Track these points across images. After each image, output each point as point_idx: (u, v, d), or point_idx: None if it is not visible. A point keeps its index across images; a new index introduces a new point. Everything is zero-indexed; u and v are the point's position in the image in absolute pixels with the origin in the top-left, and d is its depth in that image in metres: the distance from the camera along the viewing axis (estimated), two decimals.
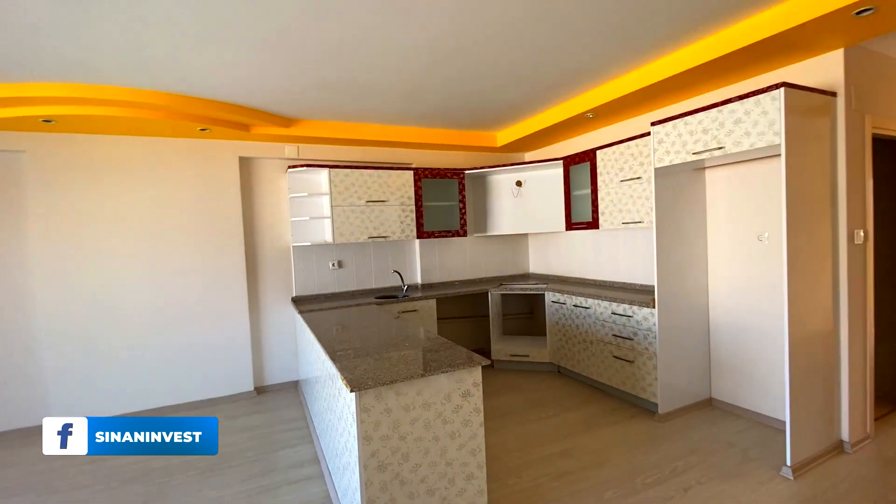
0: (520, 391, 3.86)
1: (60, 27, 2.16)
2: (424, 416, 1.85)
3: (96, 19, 2.11)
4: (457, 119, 4.16)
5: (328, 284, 4.38)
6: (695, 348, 3.29)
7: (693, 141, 2.78)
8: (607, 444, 2.82)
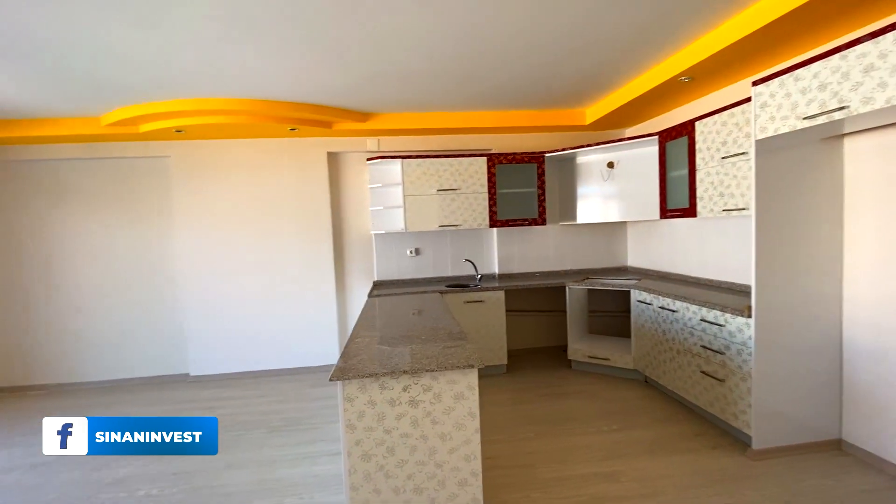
0: (591, 397, 3.49)
1: (178, 57, 2.63)
2: (411, 413, 1.81)
3: (210, 47, 2.51)
4: (536, 98, 3.86)
5: (406, 270, 4.55)
6: (816, 373, 2.53)
7: (805, 102, 2.09)
8: (668, 474, 2.38)
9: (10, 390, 4.19)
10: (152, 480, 2.55)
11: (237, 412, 3.52)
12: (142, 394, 4.03)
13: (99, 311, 4.27)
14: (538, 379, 3.93)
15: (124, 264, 4.29)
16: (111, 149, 4.13)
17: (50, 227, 4.19)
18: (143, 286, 4.32)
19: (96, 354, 4.29)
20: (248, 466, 2.67)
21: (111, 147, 4.12)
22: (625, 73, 3.31)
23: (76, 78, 2.92)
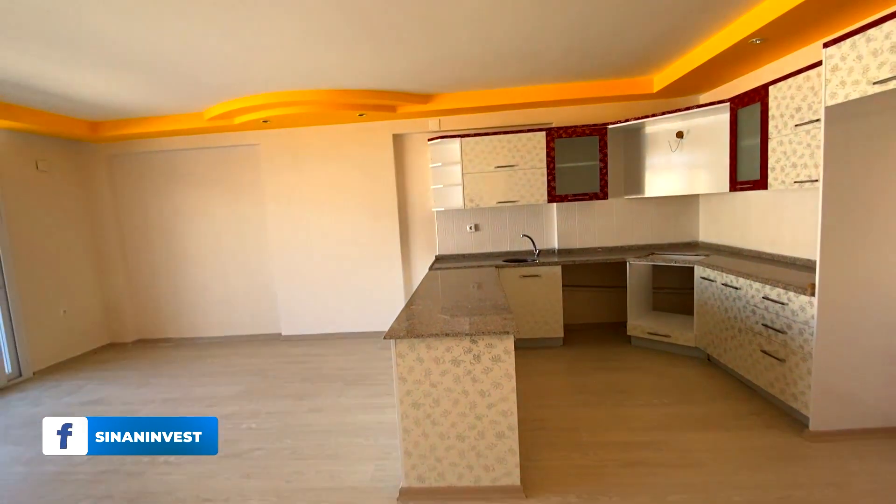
0: (647, 373, 3.51)
1: (263, 58, 3.05)
2: (454, 371, 2.06)
3: (290, 48, 2.90)
4: (598, 68, 3.78)
5: (466, 245, 4.77)
6: (885, 355, 2.35)
7: (877, 65, 1.91)
8: (713, 448, 2.41)
9: (146, 342, 5.19)
10: (252, 417, 3.12)
11: (320, 366, 4.08)
12: (241, 348, 4.78)
13: (208, 277, 5.08)
14: (594, 352, 4.00)
15: (227, 237, 5.03)
16: (212, 139, 4.79)
17: (168, 205, 5.02)
18: (241, 255, 5.04)
19: (208, 314, 5.13)
20: (327, 411, 3.14)
21: (212, 138, 4.79)
22: (693, 36, 3.13)
23: (184, 81, 3.47)
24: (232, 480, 2.38)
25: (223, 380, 3.89)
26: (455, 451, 2.10)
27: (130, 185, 5.05)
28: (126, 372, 4.23)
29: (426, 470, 2.12)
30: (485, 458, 2.09)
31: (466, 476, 2.11)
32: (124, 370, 4.30)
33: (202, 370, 4.19)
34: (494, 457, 2.09)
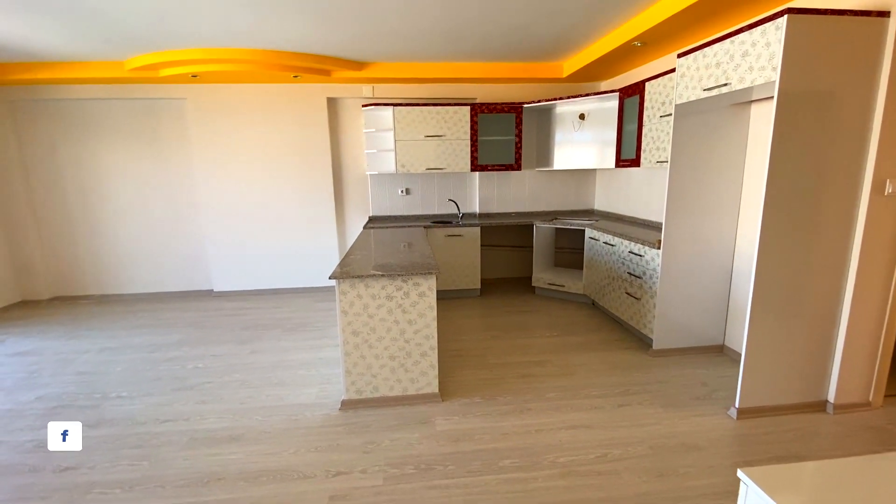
0: (545, 314, 4.27)
1: (196, 12, 3.10)
2: (387, 305, 2.54)
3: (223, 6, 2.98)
4: (518, 52, 4.27)
5: (398, 208, 5.19)
6: (710, 293, 3.25)
7: (707, 76, 2.61)
8: (585, 363, 3.18)
9: (63, 299, 5.02)
10: (198, 359, 3.38)
11: (257, 317, 4.34)
12: (173, 303, 4.85)
13: (133, 233, 4.99)
14: (505, 300, 4.71)
15: (153, 192, 4.94)
16: (133, 90, 4.62)
17: (85, 158, 4.79)
18: (170, 211, 5.00)
19: (133, 271, 5.07)
20: (269, 352, 3.49)
21: (133, 89, 4.61)
22: (591, 33, 3.73)
23: (105, 29, 3.38)
24: (188, 406, 2.70)
25: (160, 331, 4.03)
26: (387, 368, 2.61)
27: (39, 134, 4.72)
28: (49, 327, 4.17)
29: (364, 385, 2.62)
30: (411, 373, 2.64)
31: (396, 387, 2.64)
32: (46, 325, 4.22)
33: (134, 323, 4.26)
34: (419, 371, 2.64)
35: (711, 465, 2.10)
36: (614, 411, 2.56)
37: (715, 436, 2.33)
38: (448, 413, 2.56)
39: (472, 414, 2.55)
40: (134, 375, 3.13)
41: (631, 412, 2.55)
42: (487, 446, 2.26)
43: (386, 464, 2.14)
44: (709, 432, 2.35)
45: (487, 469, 2.09)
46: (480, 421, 2.48)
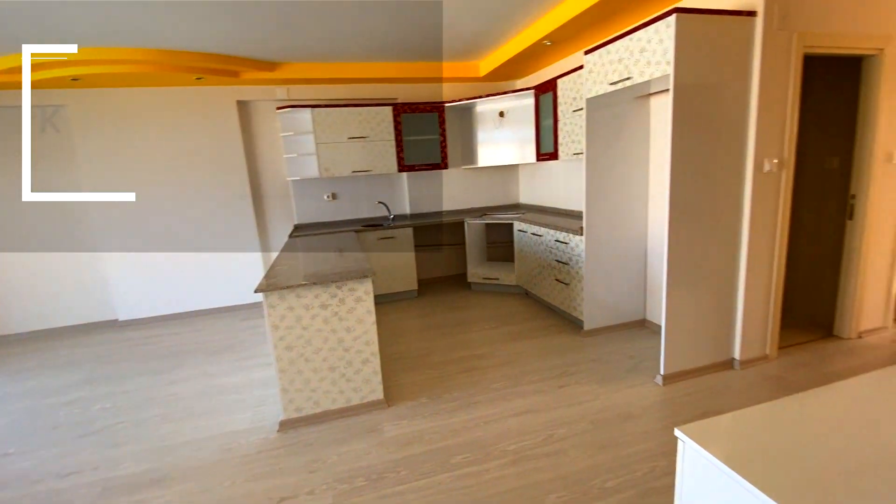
0: (482, 308, 4.35)
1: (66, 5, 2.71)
2: (322, 314, 2.42)
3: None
4: (436, 51, 4.29)
5: (325, 214, 4.99)
6: (629, 273, 3.51)
7: (612, 71, 2.81)
8: (524, 351, 3.27)
9: None
10: (105, 398, 2.98)
11: (175, 344, 3.94)
12: (70, 339, 4.24)
13: (6, 261, 4.28)
14: (443, 298, 4.72)
15: (33, 214, 4.27)
16: (1, 97, 3.97)
17: None
18: (57, 234, 4.36)
19: (14, 306, 4.35)
20: (192, 381, 3.17)
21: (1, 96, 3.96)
22: (504, 33, 3.85)
23: None
24: (96, 453, 2.36)
25: (53, 372, 3.50)
26: (328, 380, 2.49)
27: None
28: None
29: (303, 401, 2.47)
30: (353, 382, 2.54)
31: (339, 399, 2.53)
32: None
33: (19, 367, 3.66)
34: (362, 379, 2.55)
35: (646, 430, 2.26)
36: (556, 393, 2.66)
37: (646, 403, 2.51)
38: (396, 418, 2.50)
39: (420, 415, 2.51)
40: (23, 428, 2.68)
41: (570, 392, 2.67)
42: (438, 445, 2.24)
43: (335, 480, 2.03)
44: (640, 401, 2.53)
45: (440, 468, 2.07)
46: (429, 421, 2.45)
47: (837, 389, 1.14)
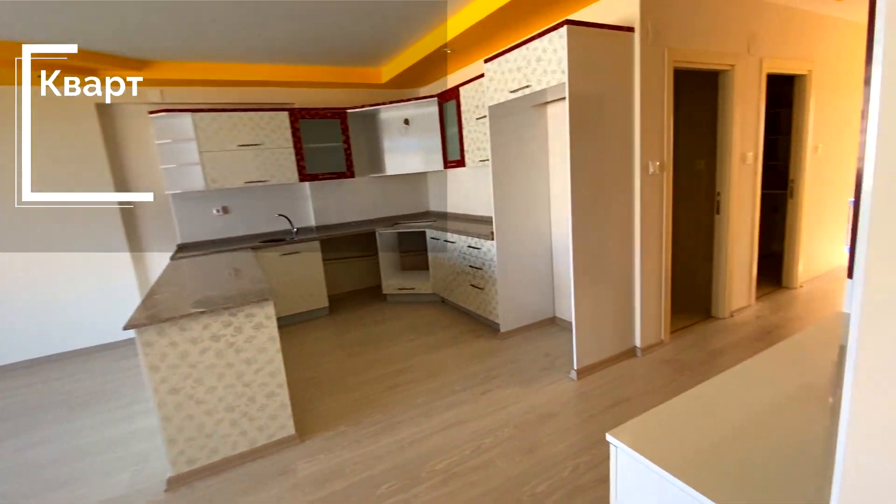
0: (400, 320, 4.21)
1: None
2: (215, 347, 2.10)
3: None
4: (335, 55, 4.07)
5: (215, 230, 4.46)
6: (538, 273, 3.63)
7: (511, 79, 2.88)
8: (445, 361, 3.20)
9: None
10: None
11: (27, 399, 3.19)
12: None
13: None
14: (357, 314, 4.49)
15: None
16: None
17: None
18: None
19: None
20: (49, 443, 2.58)
21: None
22: (404, 40, 3.79)
23: None
24: None
25: None
26: (226, 422, 2.16)
27: None
28: None
29: (196, 451, 2.12)
30: (258, 420, 2.24)
31: (241, 442, 2.21)
32: None
33: None
34: (268, 416, 2.26)
35: (567, 426, 2.31)
36: (479, 400, 2.62)
37: (564, 399, 2.58)
38: (311, 454, 2.26)
39: (339, 446, 2.30)
40: None
41: (493, 397, 2.65)
42: (361, 477, 2.05)
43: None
44: (559, 398, 2.59)
45: (365, 502, 1.89)
46: (349, 451, 2.25)
47: (737, 374, 1.22)
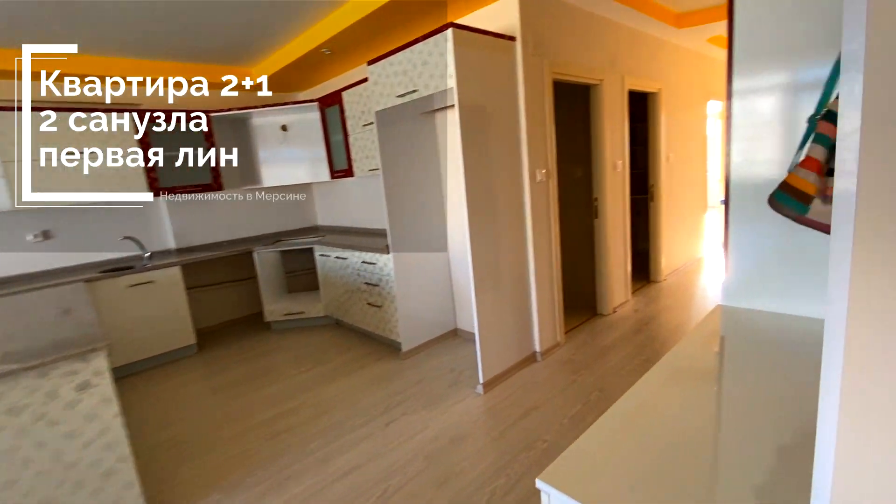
0: (288, 349, 3.73)
1: None
2: (14, 424, 1.52)
3: None
4: (196, 50, 3.51)
5: (32, 261, 3.50)
6: (437, 285, 3.50)
7: (398, 83, 2.72)
8: (343, 391, 2.87)
9: None
10: None
11: None
12: None
13: None
14: (234, 349, 3.88)
15: None
16: None
17: None
18: None
19: None
20: None
21: None
22: (278, 35, 3.39)
23: None
24: None
25: None
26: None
27: None
28: None
29: None
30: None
31: None
32: None
33: None
34: (107, 502, 1.72)
35: (479, 448, 2.18)
36: (384, 433, 2.36)
37: (473, 417, 2.45)
38: None
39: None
40: None
41: (399, 427, 2.41)
42: None
43: None
44: (467, 416, 2.46)
45: None
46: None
47: (650, 384, 1.16)
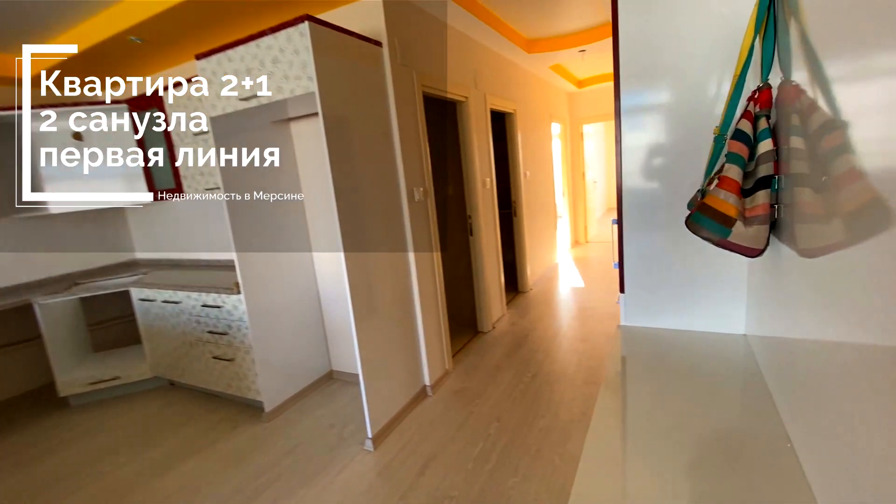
0: (98, 433, 2.75)
1: None
2: None
3: None
4: None
5: None
6: (306, 326, 2.98)
7: (240, 84, 2.21)
8: (186, 481, 2.17)
9: None
10: None
11: None
12: None
13: None
14: (10, 443, 2.72)
15: None
16: None
17: None
18: None
19: None
20: None
21: None
22: (63, 11, 2.51)
23: None
24: None
25: None
26: None
27: None
28: None
29: None
30: None
31: None
32: None
33: None
34: None
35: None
36: None
37: (364, 487, 2.04)
38: None
39: None
40: None
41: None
42: None
43: None
44: (357, 486, 2.04)
45: None
46: None
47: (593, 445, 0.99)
